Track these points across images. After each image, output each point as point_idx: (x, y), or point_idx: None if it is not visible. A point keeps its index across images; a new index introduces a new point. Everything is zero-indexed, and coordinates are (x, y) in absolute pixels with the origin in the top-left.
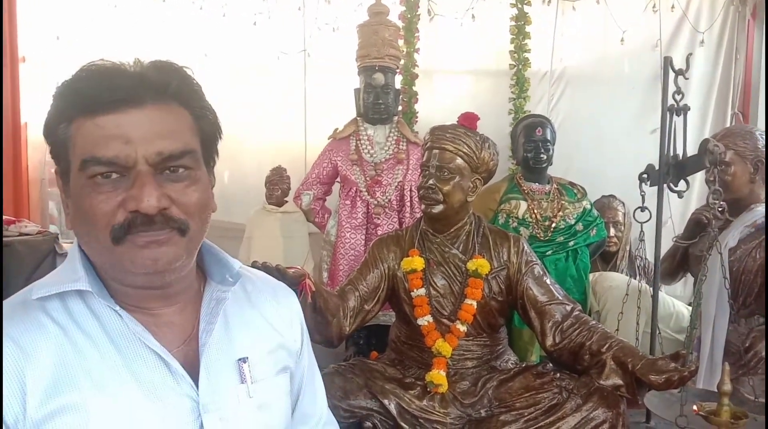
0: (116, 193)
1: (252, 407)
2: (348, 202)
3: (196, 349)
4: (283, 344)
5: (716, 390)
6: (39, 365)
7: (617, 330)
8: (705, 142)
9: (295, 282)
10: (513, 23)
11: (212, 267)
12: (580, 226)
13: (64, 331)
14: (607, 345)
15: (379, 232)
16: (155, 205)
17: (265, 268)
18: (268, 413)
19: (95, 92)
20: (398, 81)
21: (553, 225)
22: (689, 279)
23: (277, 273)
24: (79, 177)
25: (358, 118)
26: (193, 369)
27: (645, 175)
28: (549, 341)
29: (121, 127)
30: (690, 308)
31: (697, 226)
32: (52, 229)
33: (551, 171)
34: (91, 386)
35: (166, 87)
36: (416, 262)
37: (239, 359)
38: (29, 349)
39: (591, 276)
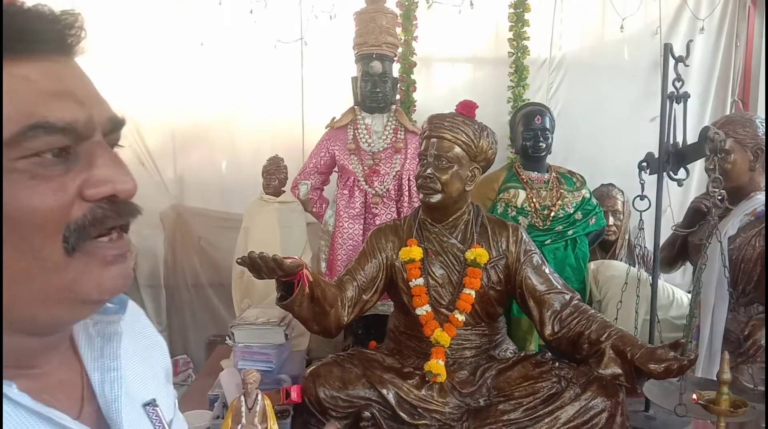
0: (69, 177)
1: None
2: (346, 191)
3: (98, 408)
4: (167, 364)
5: (715, 378)
6: None
7: (616, 319)
8: (705, 129)
9: (292, 272)
10: (512, 10)
11: None
12: (579, 215)
13: None
14: (606, 334)
15: (378, 222)
16: (135, 186)
17: (263, 259)
18: None
19: (7, 26)
20: (396, 69)
21: (552, 214)
22: (688, 267)
23: (275, 264)
24: (5, 158)
25: (356, 107)
26: None
27: (644, 164)
28: (548, 330)
29: (63, 81)
30: (689, 295)
31: (696, 215)
32: None
33: (550, 159)
34: None
35: (80, 37)
36: (414, 251)
37: (146, 404)
38: None
39: (592, 265)
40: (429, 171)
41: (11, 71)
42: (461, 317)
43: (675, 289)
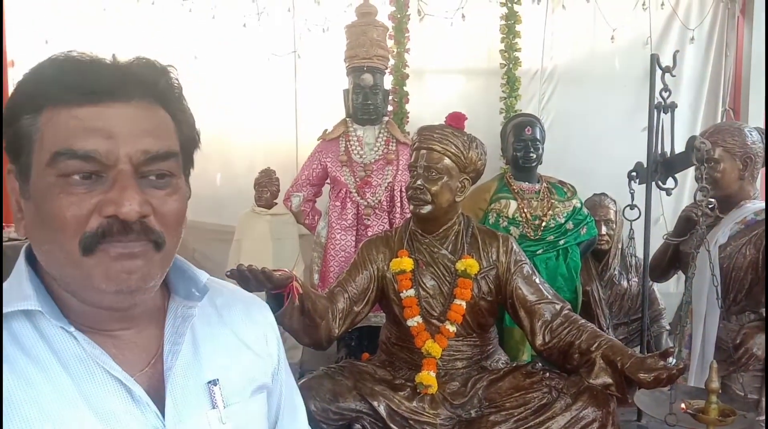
0: (91, 195)
1: None
2: (338, 203)
3: (162, 373)
4: (257, 362)
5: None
6: None
7: None
8: (692, 139)
9: (281, 285)
10: (503, 22)
11: (177, 280)
12: (570, 225)
13: (7, 360)
14: (596, 344)
15: (370, 233)
16: (137, 211)
17: (251, 271)
18: None
19: (75, 81)
20: (388, 81)
21: (543, 224)
22: (682, 276)
23: (263, 276)
24: (45, 174)
25: (348, 119)
26: (159, 395)
27: (634, 173)
28: (539, 340)
29: (102, 120)
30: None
31: (687, 224)
32: None
33: (543, 169)
34: (41, 421)
35: (154, 86)
36: (405, 262)
37: (209, 382)
38: None
39: None
40: (419, 182)
41: (70, 112)
42: (452, 328)
43: None
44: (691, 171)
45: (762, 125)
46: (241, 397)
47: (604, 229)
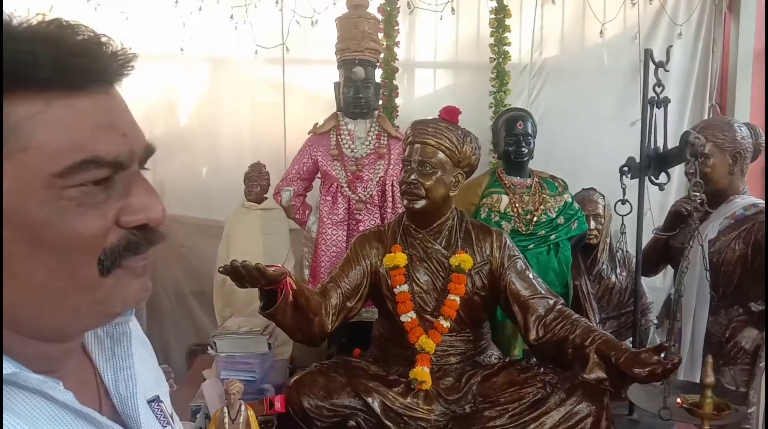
0: (109, 203)
1: None
2: (329, 197)
3: (113, 405)
4: (157, 363)
5: (698, 381)
6: None
7: None
8: (686, 134)
9: (276, 281)
10: (493, 16)
11: None
12: (561, 220)
13: None
14: (590, 338)
15: (361, 228)
16: (164, 215)
17: (245, 268)
18: None
19: (76, 60)
20: (378, 75)
21: (535, 219)
22: (669, 270)
23: (258, 273)
24: (49, 186)
25: (339, 113)
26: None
27: (626, 168)
28: (532, 335)
29: (109, 114)
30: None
31: (676, 218)
32: None
33: (532, 164)
34: None
35: (128, 72)
36: (399, 258)
37: (151, 401)
38: None
39: None
40: (413, 177)
41: (68, 104)
42: (446, 324)
43: None
44: (678, 166)
45: (749, 120)
46: (169, 405)
47: (592, 224)
